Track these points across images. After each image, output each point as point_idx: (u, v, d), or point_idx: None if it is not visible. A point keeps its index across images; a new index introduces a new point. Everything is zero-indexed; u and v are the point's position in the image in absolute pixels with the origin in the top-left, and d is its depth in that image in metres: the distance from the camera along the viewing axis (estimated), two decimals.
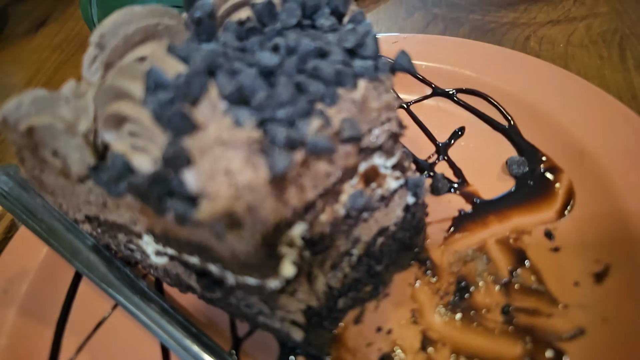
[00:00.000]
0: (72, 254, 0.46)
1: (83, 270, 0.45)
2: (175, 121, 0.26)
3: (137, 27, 0.34)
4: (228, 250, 0.28)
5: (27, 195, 0.52)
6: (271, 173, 0.27)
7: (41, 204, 0.51)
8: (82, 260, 0.46)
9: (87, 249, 0.47)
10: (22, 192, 0.53)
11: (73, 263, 0.46)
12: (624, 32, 0.60)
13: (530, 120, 0.46)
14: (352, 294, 0.39)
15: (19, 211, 0.51)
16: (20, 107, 0.32)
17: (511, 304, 0.35)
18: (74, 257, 0.46)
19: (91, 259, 0.46)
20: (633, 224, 0.35)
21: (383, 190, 0.38)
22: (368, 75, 0.33)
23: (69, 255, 0.46)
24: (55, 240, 0.47)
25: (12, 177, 0.55)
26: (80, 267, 0.45)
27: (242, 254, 0.28)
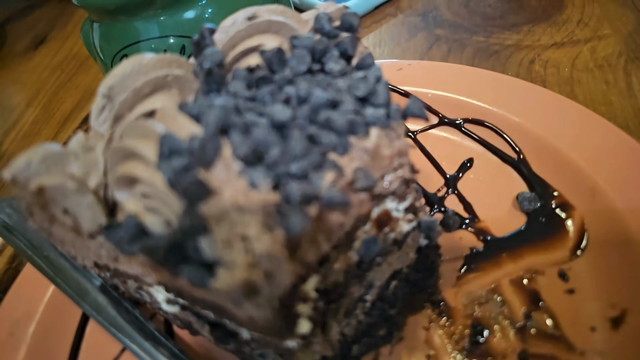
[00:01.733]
0: (79, 295, 0.46)
1: (92, 312, 0.44)
2: (191, 189, 0.26)
3: (146, 80, 0.33)
4: (245, 315, 0.28)
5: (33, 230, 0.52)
6: (287, 235, 0.27)
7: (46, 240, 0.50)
8: (90, 302, 0.45)
9: (94, 290, 0.46)
10: (27, 226, 0.52)
11: (81, 305, 0.45)
12: (628, 55, 0.60)
13: (539, 154, 0.46)
14: (366, 339, 0.38)
15: (24, 246, 0.50)
16: (29, 166, 0.31)
17: (528, 350, 0.35)
18: (82, 299, 0.45)
19: (99, 300, 0.45)
20: None
21: (396, 233, 0.38)
22: (380, 124, 0.32)
23: (77, 297, 0.46)
24: (62, 279, 0.47)
25: (17, 210, 0.54)
26: (88, 310, 0.45)
27: (260, 319, 0.27)
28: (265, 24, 0.37)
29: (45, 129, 0.86)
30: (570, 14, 0.70)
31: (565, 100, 0.48)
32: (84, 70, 0.97)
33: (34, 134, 0.86)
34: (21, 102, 0.95)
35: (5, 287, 0.61)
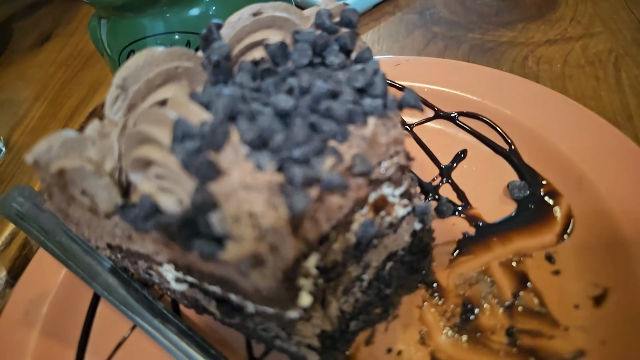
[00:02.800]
0: (90, 276, 0.48)
1: (102, 292, 0.47)
2: (203, 169, 0.28)
3: (158, 71, 0.36)
4: (251, 286, 0.30)
5: (44, 216, 0.54)
6: (290, 213, 0.29)
7: (58, 226, 0.53)
8: (100, 282, 0.47)
9: (105, 271, 0.48)
10: (38, 213, 0.54)
11: (92, 285, 0.47)
12: (618, 52, 0.62)
13: (530, 145, 0.49)
14: (363, 316, 0.41)
15: (37, 232, 0.52)
16: (50, 150, 0.33)
17: (515, 326, 0.37)
18: (93, 279, 0.48)
19: (110, 281, 0.47)
20: (630, 250, 0.38)
21: (392, 217, 0.40)
22: (377, 113, 0.35)
23: (88, 278, 0.48)
24: (73, 262, 0.49)
25: (28, 198, 0.56)
26: (99, 289, 0.47)
27: (265, 289, 0.30)
28: (269, 20, 0.39)
29: (52, 123, 0.88)
30: (564, 12, 0.72)
31: (555, 94, 0.50)
32: (90, 66, 1.00)
33: (42, 127, 0.88)
34: (28, 97, 0.97)
35: (17, 274, 0.64)
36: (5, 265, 0.66)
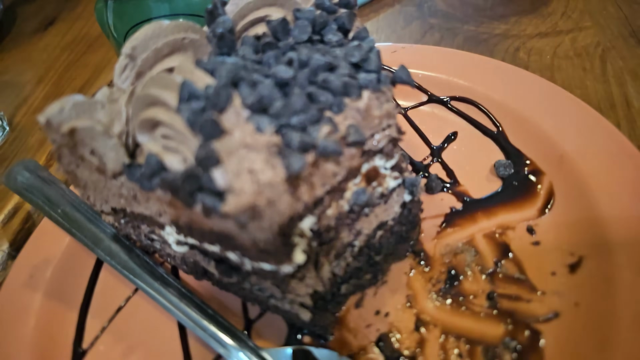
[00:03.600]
0: (94, 243, 0.50)
1: (105, 257, 0.49)
2: (206, 127, 0.30)
3: (166, 41, 0.38)
4: (249, 238, 0.32)
5: (48, 188, 0.56)
6: (287, 172, 0.31)
7: (62, 197, 0.54)
8: (103, 248, 0.49)
9: (108, 239, 0.50)
10: (43, 186, 0.56)
11: (95, 251, 0.49)
12: (605, 45, 0.65)
13: (516, 127, 0.51)
14: (354, 280, 0.43)
15: (41, 203, 0.54)
16: (62, 111, 0.36)
17: (495, 291, 0.40)
18: (96, 246, 0.50)
19: (112, 248, 0.49)
20: (604, 222, 0.40)
21: (383, 188, 0.42)
22: (371, 87, 0.37)
23: (91, 244, 0.50)
24: (77, 230, 0.51)
25: (32, 171, 0.58)
26: (102, 255, 0.49)
27: (262, 241, 0.32)
28: None
29: None
30: (556, 7, 0.75)
31: (542, 81, 0.53)
32: (93, 50, 1.01)
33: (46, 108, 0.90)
34: (32, 79, 0.99)
35: (19, 247, 0.65)
36: (7, 238, 0.68)
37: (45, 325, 0.48)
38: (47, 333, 0.47)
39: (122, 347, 0.46)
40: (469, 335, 0.38)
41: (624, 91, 0.58)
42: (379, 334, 0.40)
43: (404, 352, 0.38)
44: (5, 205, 0.73)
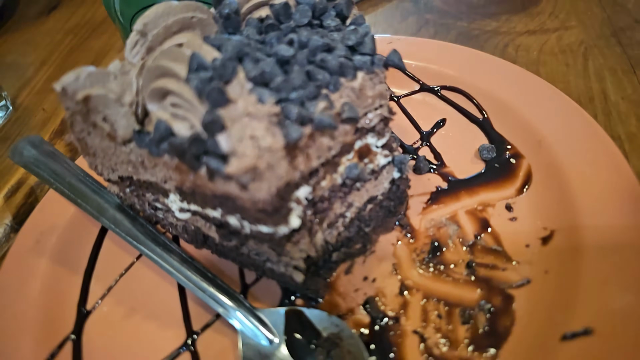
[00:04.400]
0: (99, 212, 0.52)
1: (110, 225, 0.51)
2: (213, 95, 0.33)
3: (176, 19, 0.41)
4: (249, 199, 0.35)
5: (53, 162, 0.58)
6: (286, 140, 0.34)
7: (67, 170, 0.57)
8: (108, 217, 0.52)
9: (112, 208, 0.53)
10: (48, 160, 0.58)
11: (100, 220, 0.52)
12: (588, 44, 0.68)
13: (500, 115, 0.54)
14: (344, 249, 0.46)
15: (47, 176, 0.56)
16: (78, 80, 0.38)
17: (474, 260, 0.43)
18: (101, 215, 0.52)
19: (117, 217, 0.52)
20: (575, 201, 0.43)
21: (374, 165, 0.46)
22: (366, 68, 0.40)
23: (96, 213, 0.52)
24: (82, 201, 0.54)
25: (37, 146, 0.60)
26: (107, 223, 0.51)
27: (261, 202, 0.35)
28: None
29: None
30: (544, 7, 0.78)
31: (525, 72, 0.56)
32: (97, 35, 1.04)
33: (48, 90, 0.92)
34: (35, 61, 1.01)
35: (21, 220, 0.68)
36: (11, 212, 0.70)
37: (51, 288, 0.50)
38: (52, 295, 0.50)
39: (125, 308, 0.48)
40: (448, 298, 0.41)
41: (603, 86, 0.61)
42: (366, 297, 0.43)
43: (389, 313, 0.42)
44: (8, 180, 0.75)
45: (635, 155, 0.52)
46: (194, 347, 0.44)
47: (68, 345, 0.46)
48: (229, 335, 0.44)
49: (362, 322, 0.42)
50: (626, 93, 0.60)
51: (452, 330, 0.39)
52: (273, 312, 0.43)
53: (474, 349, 0.38)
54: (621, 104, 0.59)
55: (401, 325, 0.41)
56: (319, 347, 0.40)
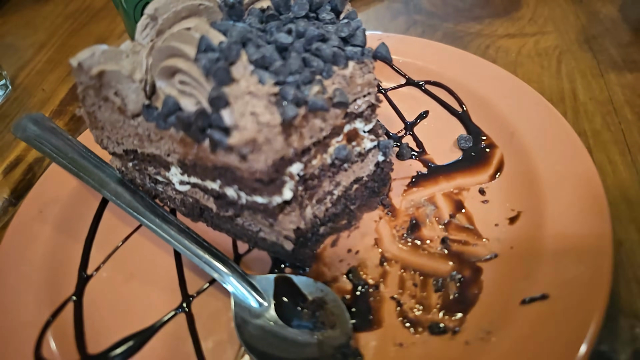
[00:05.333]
0: (100, 185, 0.55)
1: (111, 197, 0.54)
2: (219, 74, 0.37)
3: (185, 5, 0.45)
4: (248, 169, 0.39)
5: (56, 138, 0.61)
6: (282, 118, 0.38)
7: (69, 146, 0.60)
8: (110, 190, 0.55)
9: (113, 182, 0.56)
10: (51, 136, 0.61)
11: (102, 192, 0.55)
12: (562, 48, 0.74)
13: (479, 108, 0.59)
14: (331, 224, 0.50)
15: (49, 151, 0.59)
16: (93, 56, 0.42)
17: (448, 237, 0.48)
18: (103, 188, 0.55)
19: (118, 190, 0.55)
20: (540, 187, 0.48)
21: (360, 148, 0.50)
22: (356, 58, 0.44)
23: (98, 186, 0.55)
24: (85, 174, 0.57)
25: (40, 124, 0.63)
26: (108, 195, 0.54)
27: (258, 171, 0.38)
28: None
29: (58, 68, 0.94)
30: (525, 13, 0.84)
31: (502, 71, 0.61)
32: (96, 21, 1.06)
33: (48, 71, 0.94)
34: (34, 44, 1.03)
35: (19, 195, 0.70)
36: (9, 187, 0.73)
37: (53, 254, 0.53)
38: (54, 260, 0.53)
39: (124, 273, 0.52)
40: (423, 269, 0.46)
41: (573, 87, 0.66)
42: (350, 267, 0.47)
43: (369, 281, 0.46)
44: (7, 157, 0.77)
45: (598, 150, 0.58)
46: (189, 309, 0.48)
47: (69, 305, 0.49)
48: (221, 299, 0.47)
49: (345, 289, 0.46)
50: (594, 94, 0.65)
51: (426, 297, 0.44)
52: (263, 278, 0.47)
53: (444, 314, 0.42)
54: (589, 103, 0.64)
55: (380, 292, 0.45)
56: (305, 309, 0.44)
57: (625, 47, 0.73)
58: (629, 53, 0.72)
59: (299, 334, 0.43)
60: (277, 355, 0.42)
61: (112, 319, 0.48)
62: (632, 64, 0.70)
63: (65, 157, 0.58)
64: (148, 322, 0.47)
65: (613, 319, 0.43)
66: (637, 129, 0.60)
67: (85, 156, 0.59)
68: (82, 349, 0.46)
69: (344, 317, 0.43)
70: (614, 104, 0.64)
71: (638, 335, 0.42)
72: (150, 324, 0.47)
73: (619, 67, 0.70)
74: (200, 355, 0.44)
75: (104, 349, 0.45)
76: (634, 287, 0.45)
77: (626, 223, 0.50)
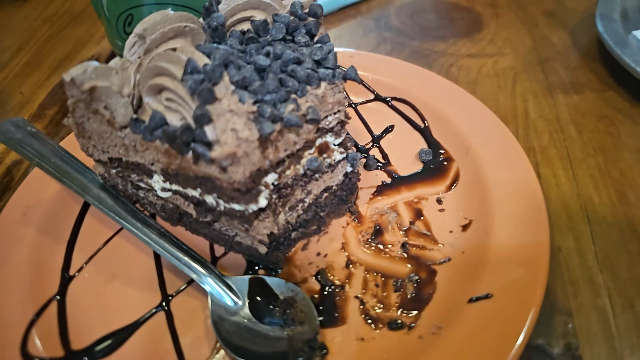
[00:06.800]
0: (83, 190, 0.58)
1: (94, 202, 0.57)
2: (204, 94, 0.41)
3: (171, 27, 0.48)
4: (227, 179, 0.43)
5: (38, 143, 0.63)
6: (260, 134, 0.42)
7: (51, 151, 0.62)
8: (92, 195, 0.57)
9: (96, 187, 0.59)
10: (33, 140, 0.63)
11: (84, 197, 0.57)
12: (518, 69, 0.81)
13: (439, 124, 0.65)
14: (302, 229, 0.55)
15: (32, 155, 0.61)
16: (85, 72, 0.45)
17: (408, 241, 0.53)
18: (86, 192, 0.58)
19: (101, 195, 0.58)
20: (490, 197, 0.54)
21: (331, 160, 0.54)
22: (328, 80, 0.49)
23: (81, 191, 0.58)
24: (67, 179, 0.59)
25: (22, 128, 0.65)
26: (91, 200, 0.57)
27: (237, 182, 0.43)
28: (256, 2, 0.52)
29: (37, 71, 0.95)
30: (486, 35, 0.91)
31: (461, 90, 0.67)
32: (76, 25, 1.07)
33: (26, 74, 0.95)
34: (12, 46, 1.03)
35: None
36: None
37: (37, 255, 0.56)
38: (38, 261, 0.55)
39: (105, 274, 0.55)
40: (385, 271, 0.51)
41: (525, 106, 0.73)
42: (318, 269, 0.52)
43: (336, 282, 0.50)
44: None
45: (545, 164, 0.64)
46: (168, 307, 0.51)
47: (53, 305, 0.52)
48: (199, 298, 0.51)
49: (313, 289, 0.50)
50: (543, 113, 0.72)
51: (386, 296, 0.49)
52: (239, 279, 0.51)
53: (402, 311, 0.47)
54: (538, 121, 0.70)
55: (345, 292, 0.50)
56: (277, 308, 0.49)
57: (573, 69, 0.81)
58: (576, 75, 0.79)
59: (270, 330, 0.47)
60: (251, 349, 0.46)
61: (95, 317, 0.51)
62: (578, 86, 0.77)
63: (48, 162, 0.60)
64: (129, 320, 0.50)
65: (549, 316, 0.49)
66: (579, 146, 0.67)
67: (68, 161, 0.61)
68: (66, 345, 0.48)
69: (312, 314, 0.47)
70: (560, 122, 0.70)
71: (570, 331, 0.48)
72: (131, 322, 0.50)
73: (567, 88, 0.77)
74: (178, 350, 0.47)
75: (87, 345, 0.48)
76: (569, 288, 0.51)
77: (565, 231, 0.56)
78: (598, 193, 0.60)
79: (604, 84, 0.77)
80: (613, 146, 0.66)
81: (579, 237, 0.55)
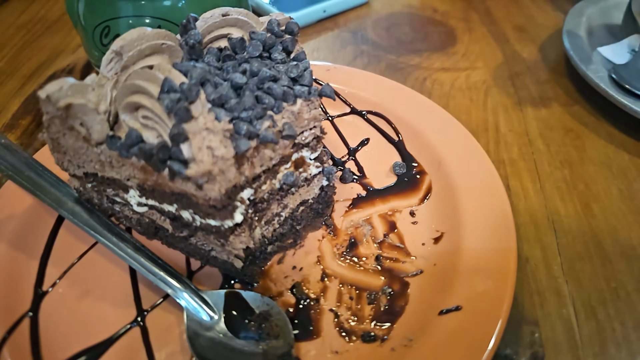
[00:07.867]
0: (57, 204, 0.58)
1: (68, 216, 0.57)
2: (180, 113, 0.41)
3: (148, 44, 0.49)
4: (203, 196, 0.43)
5: (11, 155, 0.62)
6: (236, 151, 0.43)
7: (25, 164, 0.61)
8: (67, 209, 0.57)
9: (70, 201, 0.58)
10: (6, 153, 0.62)
11: (59, 210, 0.57)
12: (489, 83, 0.83)
13: (412, 138, 0.67)
14: (278, 243, 0.55)
15: (6, 169, 0.60)
16: (61, 89, 0.45)
17: (382, 254, 0.54)
18: (60, 206, 0.57)
19: (75, 209, 0.57)
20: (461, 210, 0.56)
21: (307, 174, 0.55)
22: (304, 97, 0.50)
23: (55, 205, 0.58)
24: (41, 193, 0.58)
25: None
26: (65, 214, 0.56)
27: (212, 199, 0.43)
28: (234, 20, 0.53)
29: (10, 80, 0.94)
30: (459, 49, 0.93)
31: (434, 105, 0.69)
32: (51, 33, 1.06)
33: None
34: None
35: None
36: None
37: (9, 271, 0.55)
38: (10, 277, 0.54)
39: (79, 289, 0.54)
40: (359, 284, 0.52)
41: (496, 119, 0.76)
42: (294, 283, 0.53)
43: (311, 295, 0.51)
44: None
45: (514, 177, 0.66)
46: (143, 322, 0.51)
47: (25, 321, 0.51)
48: (175, 313, 0.51)
49: (289, 303, 0.51)
50: (513, 126, 0.75)
51: (360, 309, 0.50)
52: (214, 293, 0.51)
53: (375, 324, 0.48)
54: (508, 135, 0.73)
55: (320, 305, 0.51)
56: (252, 322, 0.49)
57: (542, 84, 0.84)
58: (544, 90, 0.82)
59: (245, 345, 0.47)
60: None
61: (69, 333, 0.50)
62: (547, 100, 0.80)
63: (21, 174, 0.60)
64: (104, 336, 0.49)
65: (517, 326, 0.50)
66: (547, 159, 0.69)
67: (42, 174, 0.60)
68: None
69: (287, 328, 0.48)
70: (529, 136, 0.73)
71: (537, 340, 0.49)
72: (105, 337, 0.49)
73: (535, 102, 0.80)
74: None
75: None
76: (536, 298, 0.53)
77: (533, 242, 0.58)
78: (564, 205, 0.63)
79: (570, 98, 0.80)
80: (579, 159, 0.69)
81: (545, 248, 0.58)
